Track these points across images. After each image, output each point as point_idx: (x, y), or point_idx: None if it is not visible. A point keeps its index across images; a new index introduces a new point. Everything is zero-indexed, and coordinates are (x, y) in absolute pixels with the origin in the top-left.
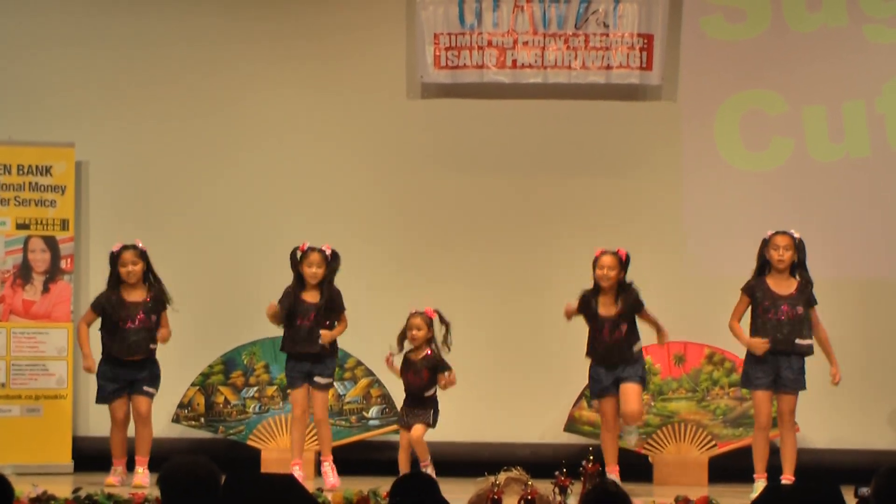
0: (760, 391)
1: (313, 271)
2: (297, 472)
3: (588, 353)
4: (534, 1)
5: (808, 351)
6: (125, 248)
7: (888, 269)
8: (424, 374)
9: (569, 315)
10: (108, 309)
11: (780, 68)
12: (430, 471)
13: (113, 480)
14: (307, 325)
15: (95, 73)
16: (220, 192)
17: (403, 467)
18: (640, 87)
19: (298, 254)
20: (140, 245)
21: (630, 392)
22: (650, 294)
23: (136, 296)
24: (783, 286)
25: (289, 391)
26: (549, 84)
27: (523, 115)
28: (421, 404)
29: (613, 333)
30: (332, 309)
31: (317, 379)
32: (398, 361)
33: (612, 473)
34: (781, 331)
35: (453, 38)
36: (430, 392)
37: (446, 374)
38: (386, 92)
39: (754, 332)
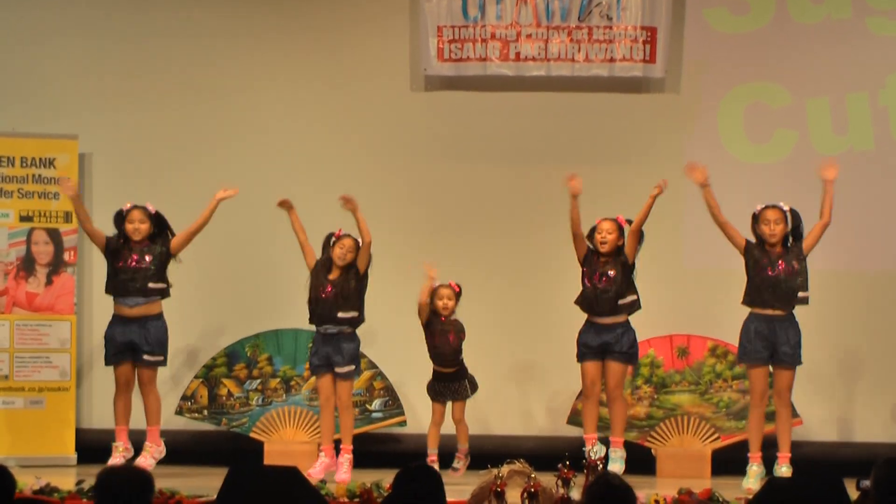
0: (758, 366)
1: (340, 253)
2: (324, 459)
3: (577, 301)
4: None
5: (805, 301)
6: (134, 206)
7: (891, 261)
8: (462, 336)
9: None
10: (112, 245)
11: (783, 60)
12: (464, 462)
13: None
14: (327, 297)
15: (99, 66)
16: (224, 184)
17: (432, 444)
18: (644, 80)
19: (333, 240)
20: (151, 207)
21: (611, 370)
22: (652, 287)
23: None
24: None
25: (315, 379)
26: (553, 77)
27: (526, 107)
28: (455, 376)
29: (602, 280)
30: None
31: (338, 370)
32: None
33: (591, 443)
34: (780, 288)
35: (457, 30)
36: (460, 358)
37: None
38: (389, 84)
39: (752, 289)
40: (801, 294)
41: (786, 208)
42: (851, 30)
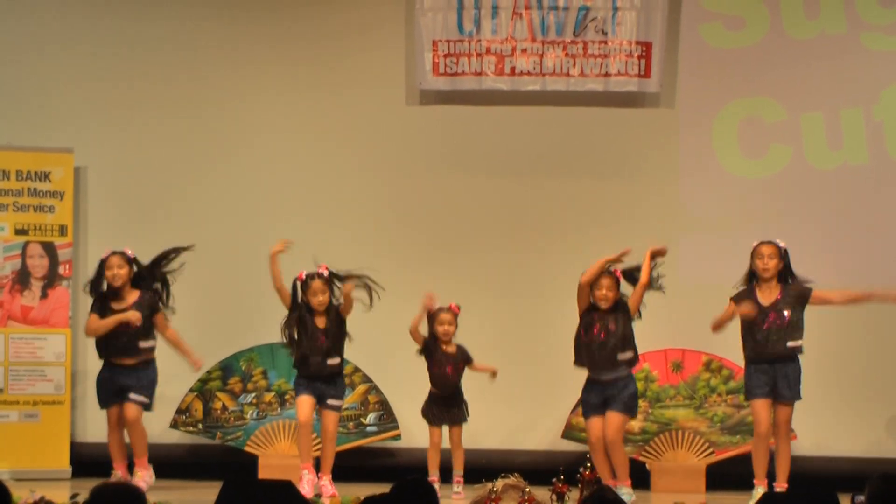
0: (760, 400)
1: (319, 300)
2: (307, 476)
3: (576, 362)
4: (532, 8)
5: (799, 351)
6: (113, 253)
7: (886, 276)
8: (461, 367)
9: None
10: (101, 313)
11: (778, 75)
12: (463, 487)
13: None
14: (318, 345)
15: (94, 79)
16: (219, 198)
17: (433, 466)
18: (639, 95)
19: (298, 283)
20: (129, 252)
21: (609, 420)
22: (647, 301)
23: (124, 303)
24: (769, 294)
25: (296, 397)
26: (548, 91)
27: (522, 122)
28: (453, 401)
29: (601, 333)
30: (342, 326)
31: (330, 402)
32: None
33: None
34: (771, 338)
35: (452, 45)
36: (459, 385)
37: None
38: (384, 98)
39: (745, 343)
40: (791, 344)
41: (781, 245)
42: (846, 45)
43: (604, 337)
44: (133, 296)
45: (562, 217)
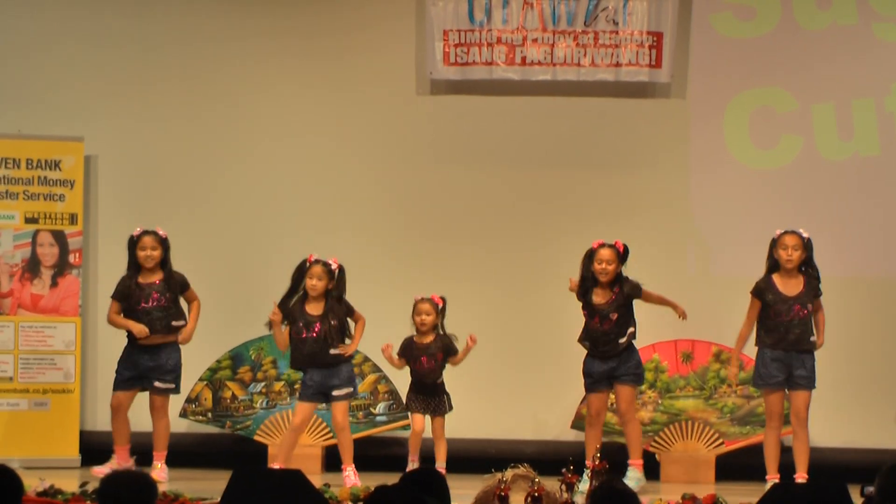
0: (774, 391)
1: (313, 283)
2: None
3: (580, 339)
4: None
5: (816, 346)
6: (145, 232)
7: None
8: (439, 357)
9: (573, 288)
10: (126, 291)
11: (789, 66)
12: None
13: (96, 472)
14: (313, 336)
15: (104, 68)
16: (229, 187)
17: (414, 451)
18: (650, 85)
19: (306, 265)
20: (161, 232)
21: (620, 393)
22: (658, 292)
23: (152, 279)
24: (791, 285)
25: (297, 399)
26: (559, 81)
27: (532, 112)
28: (433, 392)
29: (604, 323)
30: (344, 323)
31: (335, 393)
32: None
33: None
34: (794, 331)
35: (462, 34)
36: (440, 378)
37: (459, 350)
38: (395, 88)
39: (766, 332)
40: (813, 339)
41: (805, 235)
42: (857, 36)
43: (606, 326)
44: (157, 275)
45: (572, 207)
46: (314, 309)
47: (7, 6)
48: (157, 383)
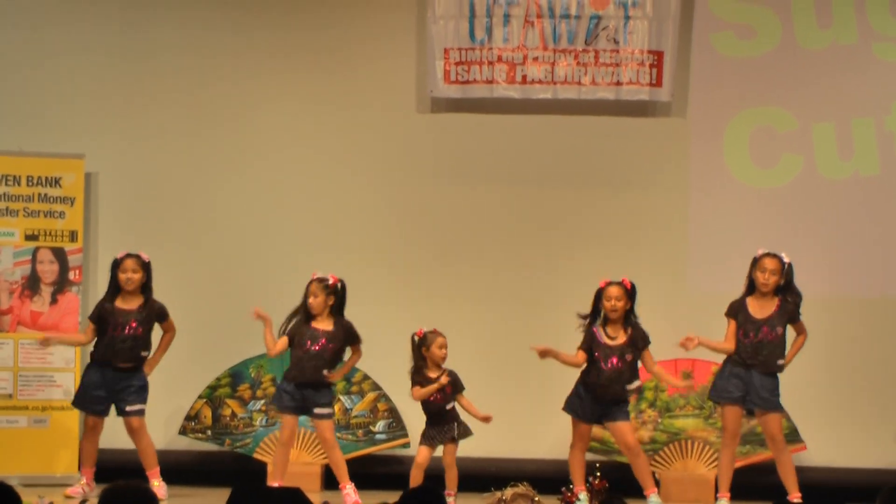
0: (729, 405)
1: (310, 301)
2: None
3: (582, 380)
4: (544, 17)
5: (781, 369)
6: (128, 255)
7: None
8: (448, 391)
9: (542, 356)
10: (103, 315)
11: (789, 85)
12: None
13: (70, 492)
14: (315, 351)
15: (105, 85)
16: (229, 204)
17: (415, 483)
18: (650, 104)
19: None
20: (144, 256)
21: (622, 430)
22: (657, 311)
23: (131, 304)
24: (764, 308)
25: (280, 414)
26: (559, 100)
27: (533, 130)
28: (445, 420)
29: (619, 362)
30: (345, 340)
31: (317, 410)
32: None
33: (582, 491)
34: (762, 352)
35: (463, 52)
36: (451, 405)
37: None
38: (395, 106)
39: (735, 350)
40: (780, 362)
41: (786, 260)
42: (858, 55)
43: (620, 366)
44: (137, 301)
45: (572, 226)
46: (318, 324)
47: (8, 23)
48: (128, 407)
